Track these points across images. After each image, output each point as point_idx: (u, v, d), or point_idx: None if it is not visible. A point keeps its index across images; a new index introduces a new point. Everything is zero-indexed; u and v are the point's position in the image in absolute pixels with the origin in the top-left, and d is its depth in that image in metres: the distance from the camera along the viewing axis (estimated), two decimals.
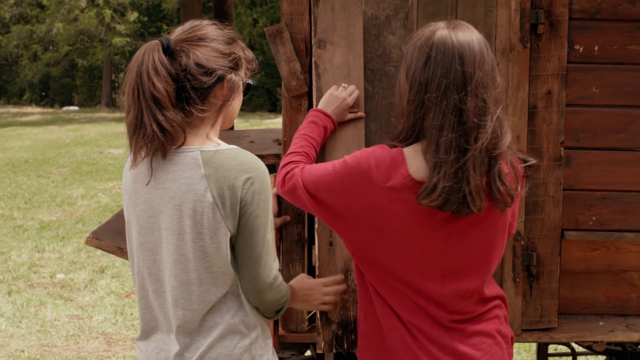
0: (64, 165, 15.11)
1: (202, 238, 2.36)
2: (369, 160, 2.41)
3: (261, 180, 2.37)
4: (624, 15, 3.33)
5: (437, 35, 2.38)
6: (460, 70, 2.35)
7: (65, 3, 28.92)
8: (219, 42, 2.42)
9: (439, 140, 2.34)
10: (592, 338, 3.46)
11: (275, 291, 2.47)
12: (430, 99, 2.35)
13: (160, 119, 2.30)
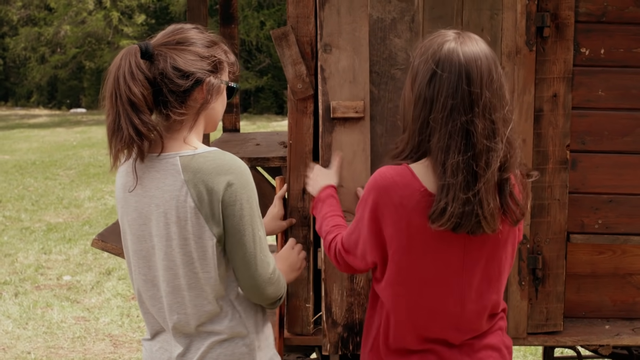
0: (71, 167, 15.14)
1: (188, 244, 2.38)
2: (382, 190, 2.37)
3: (241, 179, 2.38)
4: (630, 19, 3.33)
5: (444, 50, 2.32)
6: (467, 90, 2.29)
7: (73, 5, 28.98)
8: (197, 46, 2.42)
9: (445, 162, 2.29)
10: (598, 342, 3.45)
11: (275, 284, 2.50)
12: (435, 119, 2.30)
13: (136, 123, 2.32)
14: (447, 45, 2.33)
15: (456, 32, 2.40)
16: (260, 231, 2.43)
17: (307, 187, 3.01)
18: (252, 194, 2.41)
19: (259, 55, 26.71)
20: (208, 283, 2.41)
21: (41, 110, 30.46)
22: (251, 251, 2.41)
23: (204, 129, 2.53)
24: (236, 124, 4.77)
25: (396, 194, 2.35)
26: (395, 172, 2.38)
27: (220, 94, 2.49)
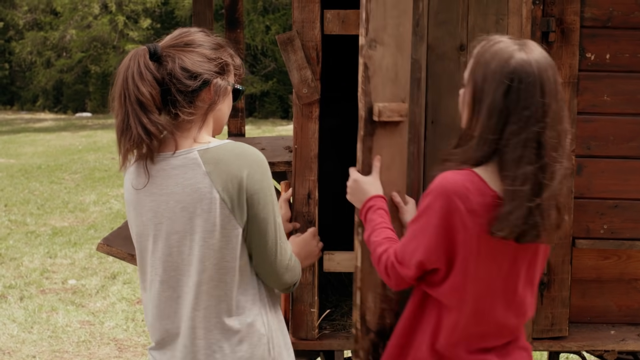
0: (76, 171, 15.16)
1: (212, 236, 2.40)
2: (453, 196, 2.35)
3: (262, 167, 2.43)
4: (635, 24, 3.33)
5: (517, 60, 2.33)
6: (541, 101, 2.32)
7: (78, 10, 29.03)
8: (205, 48, 2.46)
9: (516, 171, 2.31)
10: (603, 347, 3.44)
11: (292, 270, 2.55)
12: (511, 129, 2.32)
13: (145, 122, 2.36)
14: (517, 55, 2.34)
15: (516, 40, 2.41)
16: (279, 219, 2.48)
17: (348, 195, 2.84)
18: (271, 182, 2.46)
19: (264, 60, 26.73)
20: (230, 275, 2.43)
21: (47, 114, 30.51)
22: (273, 239, 2.46)
23: (214, 129, 2.57)
24: (241, 128, 4.77)
25: (468, 199, 2.34)
26: (464, 177, 2.37)
27: (226, 95, 2.53)
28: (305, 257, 2.88)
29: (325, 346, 3.50)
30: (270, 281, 2.54)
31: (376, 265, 2.62)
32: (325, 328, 3.60)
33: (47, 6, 30.23)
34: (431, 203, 2.39)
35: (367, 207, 2.73)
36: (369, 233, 2.68)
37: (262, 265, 2.49)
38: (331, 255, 3.49)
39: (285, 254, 2.52)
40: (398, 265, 2.50)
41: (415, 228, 2.45)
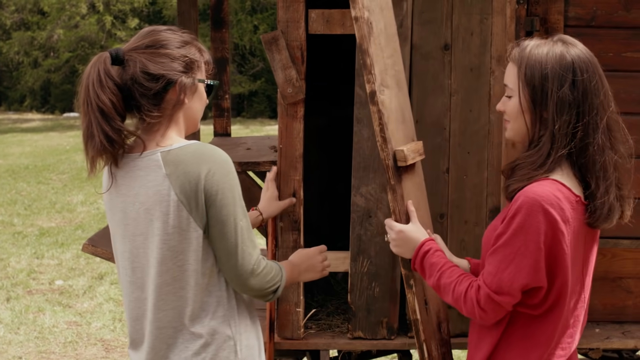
0: (64, 171, 15.11)
1: (172, 238, 2.39)
2: (548, 210, 2.28)
3: (222, 168, 2.37)
4: (619, 23, 3.34)
5: (572, 55, 2.34)
6: (604, 88, 2.37)
7: (66, 10, 28.93)
8: (168, 47, 2.43)
9: (604, 161, 2.33)
10: (588, 345, 3.46)
11: (260, 277, 2.45)
12: (587, 121, 2.32)
13: (107, 130, 2.35)
14: (570, 50, 2.36)
15: (550, 38, 2.41)
16: (242, 221, 2.41)
17: (396, 248, 2.65)
18: (234, 183, 2.40)
19: (253, 59, 26.69)
20: (192, 277, 2.41)
21: (34, 114, 30.39)
22: (232, 241, 2.39)
23: (186, 128, 2.53)
24: (227, 128, 4.77)
25: (562, 209, 2.30)
26: (551, 187, 2.31)
27: (196, 93, 2.49)
28: (306, 270, 2.77)
29: (311, 346, 3.50)
30: (235, 285, 2.47)
31: (462, 304, 2.42)
32: (311, 327, 3.61)
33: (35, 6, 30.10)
34: (525, 221, 2.29)
35: (423, 253, 2.57)
36: (436, 277, 2.51)
37: (224, 268, 2.44)
38: None
39: (249, 258, 2.42)
40: (496, 296, 2.33)
41: (510, 251, 2.31)
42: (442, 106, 3.36)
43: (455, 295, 2.44)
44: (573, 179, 2.35)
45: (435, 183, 3.37)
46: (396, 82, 2.78)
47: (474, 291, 2.38)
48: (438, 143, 3.37)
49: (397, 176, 2.66)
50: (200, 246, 2.40)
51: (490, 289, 2.34)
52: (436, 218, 3.39)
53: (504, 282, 2.32)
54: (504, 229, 2.34)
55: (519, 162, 2.40)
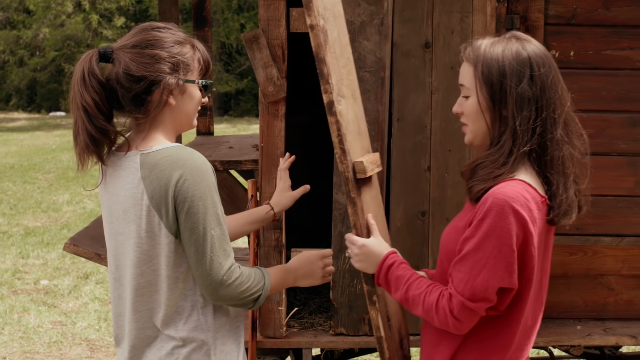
0: (50, 171, 15.06)
1: (144, 242, 2.37)
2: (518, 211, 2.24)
3: (195, 175, 2.32)
4: (599, 21, 3.35)
5: (527, 51, 2.32)
6: (560, 82, 2.35)
7: (51, 8, 28.83)
8: (154, 47, 2.39)
9: (563, 156, 2.32)
10: (570, 342, 3.47)
11: (231, 287, 2.37)
12: (546, 116, 2.31)
13: (89, 129, 2.34)
14: (525, 46, 2.34)
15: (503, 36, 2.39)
16: (214, 230, 2.34)
17: (358, 264, 2.54)
18: (207, 190, 2.33)
19: (239, 58, 26.67)
20: (165, 282, 2.40)
21: (20, 113, 30.27)
22: (201, 250, 2.34)
23: (176, 128, 2.49)
24: (210, 127, 4.77)
25: (530, 210, 2.26)
26: (520, 189, 2.28)
27: (184, 93, 2.44)
28: (304, 275, 2.66)
29: (293, 344, 3.50)
30: (205, 294, 2.41)
31: (433, 315, 2.34)
32: (293, 326, 3.61)
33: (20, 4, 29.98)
34: (497, 223, 2.23)
35: (387, 266, 2.48)
36: (404, 289, 2.42)
37: (195, 277, 2.39)
38: (298, 253, 3.49)
39: (218, 267, 2.35)
40: (470, 303, 2.26)
41: (481, 255, 2.25)
42: (423, 104, 3.37)
43: (426, 306, 2.35)
44: (536, 177, 2.33)
45: (416, 181, 3.38)
46: (351, 92, 2.67)
47: (446, 300, 2.30)
48: (419, 141, 3.38)
49: (356, 189, 2.56)
50: (172, 252, 2.37)
51: (464, 296, 2.27)
52: (417, 216, 3.39)
53: (477, 288, 2.25)
54: (472, 232, 2.27)
55: (480, 162, 2.36)
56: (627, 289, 3.60)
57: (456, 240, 2.36)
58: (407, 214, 3.40)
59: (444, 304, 2.30)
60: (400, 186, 3.39)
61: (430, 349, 2.48)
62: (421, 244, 3.43)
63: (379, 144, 3.30)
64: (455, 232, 2.40)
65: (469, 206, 2.41)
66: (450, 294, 2.30)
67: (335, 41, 2.59)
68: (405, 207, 3.40)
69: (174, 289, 2.40)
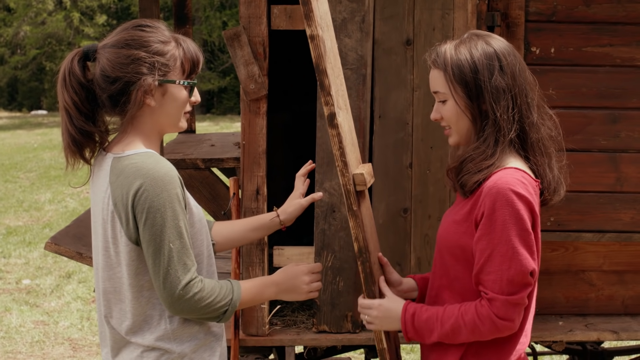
0: (31, 169, 14.97)
1: (109, 247, 2.35)
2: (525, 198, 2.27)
3: (154, 186, 2.25)
4: (579, 18, 3.36)
5: (492, 45, 2.37)
6: (526, 68, 2.40)
7: (32, 6, 28.67)
8: (131, 47, 2.33)
9: (542, 137, 2.39)
10: (552, 338, 3.48)
11: (190, 302, 2.30)
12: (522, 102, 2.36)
13: (70, 129, 2.33)
14: (489, 40, 2.39)
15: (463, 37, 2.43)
16: (173, 243, 2.27)
17: (378, 325, 2.51)
18: (166, 202, 2.26)
19: (222, 56, 26.61)
20: (129, 291, 2.36)
21: (1, 112, 30.10)
22: (158, 263, 2.27)
23: (159, 130, 2.43)
24: (191, 124, 4.75)
25: (532, 195, 2.30)
26: (517, 176, 2.31)
27: (165, 93, 2.37)
28: (286, 290, 2.54)
29: (276, 342, 3.50)
30: (166, 308, 2.34)
31: (481, 329, 2.31)
32: (276, 324, 3.60)
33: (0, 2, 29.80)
34: (508, 212, 2.25)
35: (410, 317, 2.43)
36: (439, 328, 2.37)
37: (156, 289, 2.33)
38: (281, 251, 3.50)
39: (175, 281, 2.27)
40: (513, 297, 2.27)
41: (506, 248, 2.25)
42: (405, 101, 3.37)
43: (469, 327, 2.32)
44: (525, 163, 2.38)
45: (398, 178, 3.38)
46: (344, 103, 2.65)
47: (487, 308, 2.29)
48: (401, 138, 3.38)
49: (357, 201, 2.51)
50: (134, 260, 2.32)
51: (504, 294, 2.27)
52: (400, 213, 3.40)
53: (514, 278, 2.26)
54: (486, 229, 2.28)
55: (467, 156, 2.39)
56: (608, 285, 3.62)
57: (457, 234, 2.39)
58: (389, 211, 3.40)
59: (486, 313, 2.30)
60: (382, 183, 3.39)
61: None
62: (403, 240, 3.43)
63: (361, 141, 3.30)
64: (456, 225, 2.42)
65: (461, 199, 2.44)
66: (489, 299, 2.29)
67: (330, 51, 2.57)
68: (388, 204, 3.40)
69: (139, 298, 2.35)
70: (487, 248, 2.28)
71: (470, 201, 2.37)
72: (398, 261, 3.42)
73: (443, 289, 2.47)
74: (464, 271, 2.40)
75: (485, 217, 2.28)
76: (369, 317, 2.53)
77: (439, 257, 2.50)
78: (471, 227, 2.36)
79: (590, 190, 3.45)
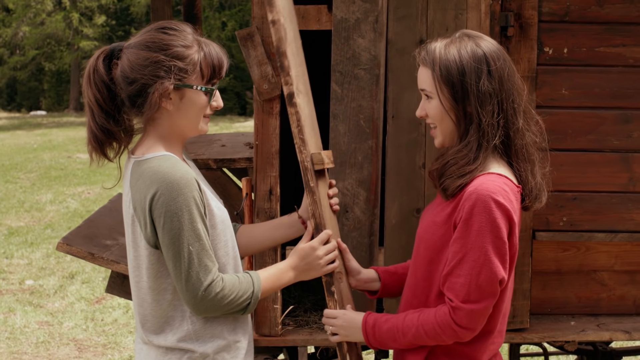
0: (32, 170, 14.97)
1: (131, 249, 2.38)
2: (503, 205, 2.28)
3: (170, 191, 2.25)
4: (592, 18, 3.36)
5: (482, 48, 2.36)
6: (515, 73, 2.40)
7: (31, 7, 28.65)
8: (152, 50, 2.32)
9: (526, 143, 2.39)
10: (564, 338, 3.48)
11: (213, 301, 2.33)
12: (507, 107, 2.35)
13: (92, 126, 2.35)
14: (479, 42, 2.38)
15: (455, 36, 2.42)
16: (192, 245, 2.29)
17: (342, 334, 2.56)
18: (183, 205, 2.26)
19: None
20: (149, 294, 2.38)
21: (0, 112, 30.08)
22: (178, 266, 2.29)
23: (178, 133, 2.42)
24: None
25: (512, 203, 2.31)
26: (499, 182, 2.31)
27: (183, 98, 2.36)
28: (303, 270, 2.56)
29: (289, 342, 3.50)
30: (189, 309, 2.37)
31: (442, 336, 2.35)
32: (289, 324, 3.60)
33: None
34: (485, 219, 2.27)
35: (371, 329, 2.48)
36: (401, 338, 2.42)
37: (178, 291, 2.36)
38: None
39: (197, 283, 2.30)
40: (477, 305, 2.29)
41: (478, 254, 2.27)
42: (418, 101, 3.34)
43: (430, 335, 2.36)
44: (508, 168, 2.38)
45: (411, 178, 3.38)
46: (306, 91, 2.71)
47: (447, 317, 2.32)
48: (414, 138, 3.38)
49: (315, 179, 2.61)
50: (153, 264, 2.34)
51: (470, 302, 2.29)
52: (412, 213, 3.40)
53: (483, 286, 2.28)
54: (461, 233, 2.29)
55: (449, 159, 2.39)
56: (619, 285, 3.62)
57: (436, 235, 2.41)
58: (402, 211, 3.40)
59: (447, 322, 2.33)
60: (395, 183, 3.39)
61: None
62: None
63: (374, 142, 3.30)
64: (435, 227, 2.43)
65: (442, 201, 2.45)
66: (453, 307, 2.31)
67: (292, 41, 2.69)
68: (400, 204, 3.40)
69: (160, 300, 2.38)
70: (460, 252, 2.30)
71: (452, 204, 2.38)
72: None
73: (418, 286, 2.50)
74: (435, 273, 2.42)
75: (462, 221, 2.30)
76: (333, 327, 2.57)
77: (417, 253, 2.51)
78: (450, 230, 2.37)
79: (603, 190, 3.45)
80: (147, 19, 29.53)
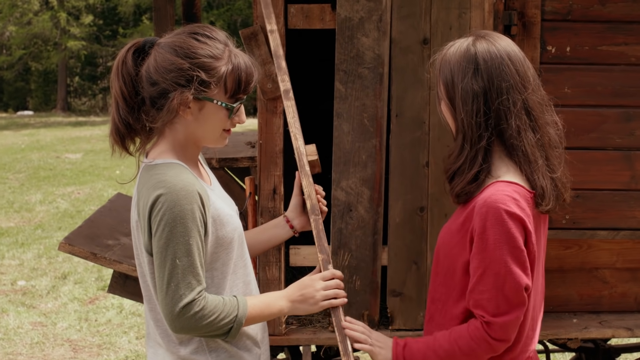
0: (20, 170, 14.90)
1: (137, 255, 2.36)
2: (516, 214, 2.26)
3: (171, 198, 2.20)
4: (594, 17, 3.38)
5: (477, 47, 2.34)
6: (515, 70, 2.33)
7: (18, 6, 28.52)
8: (178, 55, 2.26)
9: (523, 144, 2.32)
10: (567, 335, 3.50)
11: (192, 320, 2.22)
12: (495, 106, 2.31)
13: (115, 117, 2.32)
14: (477, 43, 2.36)
15: (472, 34, 2.41)
16: (180, 259, 2.21)
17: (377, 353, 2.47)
18: (179, 217, 2.20)
19: None
20: (150, 302, 2.36)
21: None
22: (161, 277, 2.22)
23: (194, 142, 2.36)
24: None
25: (523, 210, 2.28)
26: (508, 191, 2.29)
27: (202, 109, 2.30)
28: (298, 302, 2.43)
29: (293, 341, 3.50)
30: (166, 323, 2.29)
31: (478, 351, 2.33)
32: (292, 323, 3.60)
33: None
34: (500, 231, 2.26)
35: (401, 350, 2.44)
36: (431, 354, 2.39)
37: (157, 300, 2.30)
38: (297, 250, 3.49)
39: (177, 298, 2.21)
40: (507, 316, 2.27)
41: (499, 268, 2.26)
42: (422, 100, 3.37)
43: (465, 350, 2.34)
44: (518, 172, 2.34)
45: (415, 177, 3.39)
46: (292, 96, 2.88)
47: (481, 331, 2.31)
48: (418, 137, 3.38)
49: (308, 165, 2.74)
50: (153, 272, 2.29)
51: (501, 315, 2.28)
52: (416, 211, 3.40)
53: (510, 296, 2.27)
54: (479, 248, 2.28)
55: (453, 167, 2.39)
56: (621, 282, 3.64)
57: (452, 242, 2.41)
58: (406, 210, 3.41)
59: (481, 336, 2.32)
60: (398, 182, 3.39)
61: None
62: (420, 239, 3.43)
63: (378, 140, 3.31)
64: (450, 234, 2.43)
65: (459, 208, 2.45)
66: (486, 322, 2.30)
67: None
68: (404, 202, 3.40)
69: (151, 310, 2.37)
70: (480, 267, 2.29)
71: (465, 212, 2.38)
72: (415, 260, 3.42)
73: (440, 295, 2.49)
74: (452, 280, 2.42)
75: (477, 235, 2.29)
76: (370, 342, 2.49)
77: (437, 259, 2.50)
78: (464, 238, 2.36)
79: (605, 188, 3.47)
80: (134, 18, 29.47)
